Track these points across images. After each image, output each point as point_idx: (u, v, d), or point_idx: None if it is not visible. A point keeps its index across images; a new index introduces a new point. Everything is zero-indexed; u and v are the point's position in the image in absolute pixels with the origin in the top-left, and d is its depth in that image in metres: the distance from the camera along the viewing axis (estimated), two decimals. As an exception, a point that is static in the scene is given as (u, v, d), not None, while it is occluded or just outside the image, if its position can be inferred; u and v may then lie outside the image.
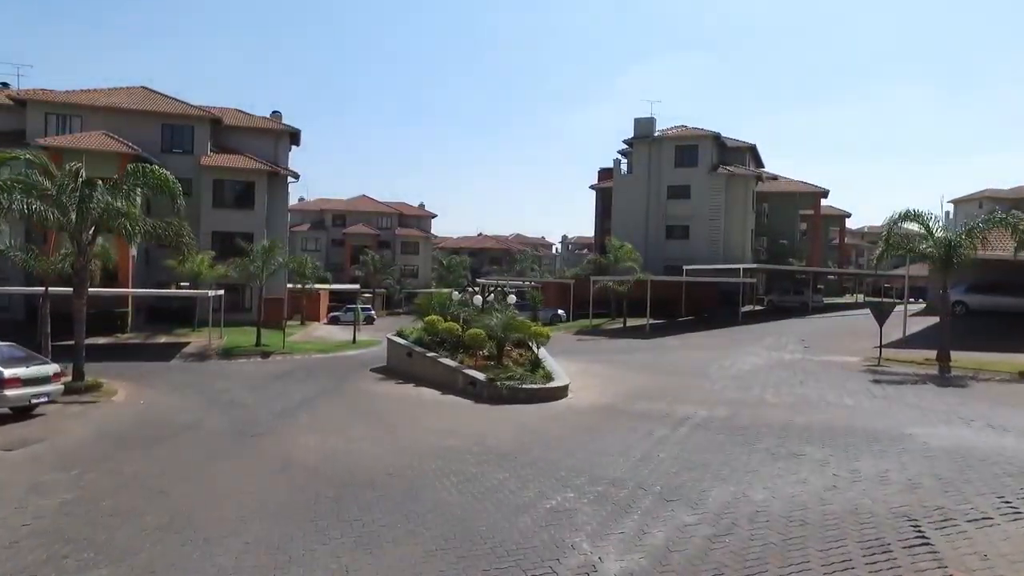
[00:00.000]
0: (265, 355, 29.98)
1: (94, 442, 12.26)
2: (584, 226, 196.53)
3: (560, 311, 45.63)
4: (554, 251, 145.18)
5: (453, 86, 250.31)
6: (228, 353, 29.89)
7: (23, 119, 36.57)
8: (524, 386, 16.41)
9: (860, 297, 59.62)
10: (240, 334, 33.71)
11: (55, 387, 15.38)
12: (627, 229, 50.10)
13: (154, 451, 11.57)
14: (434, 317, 22.92)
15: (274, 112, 44.59)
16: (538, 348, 20.09)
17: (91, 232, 17.62)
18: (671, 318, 43.39)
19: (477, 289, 24.80)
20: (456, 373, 18.69)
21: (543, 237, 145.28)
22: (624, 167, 54.92)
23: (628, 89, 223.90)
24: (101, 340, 32.23)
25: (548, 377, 17.24)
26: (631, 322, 40.10)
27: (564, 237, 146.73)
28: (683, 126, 53.39)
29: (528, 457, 10.26)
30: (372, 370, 24.28)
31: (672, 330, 37.85)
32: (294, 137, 44.40)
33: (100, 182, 16.53)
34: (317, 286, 52.90)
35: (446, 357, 20.48)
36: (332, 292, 61.78)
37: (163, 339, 33.29)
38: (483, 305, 23.76)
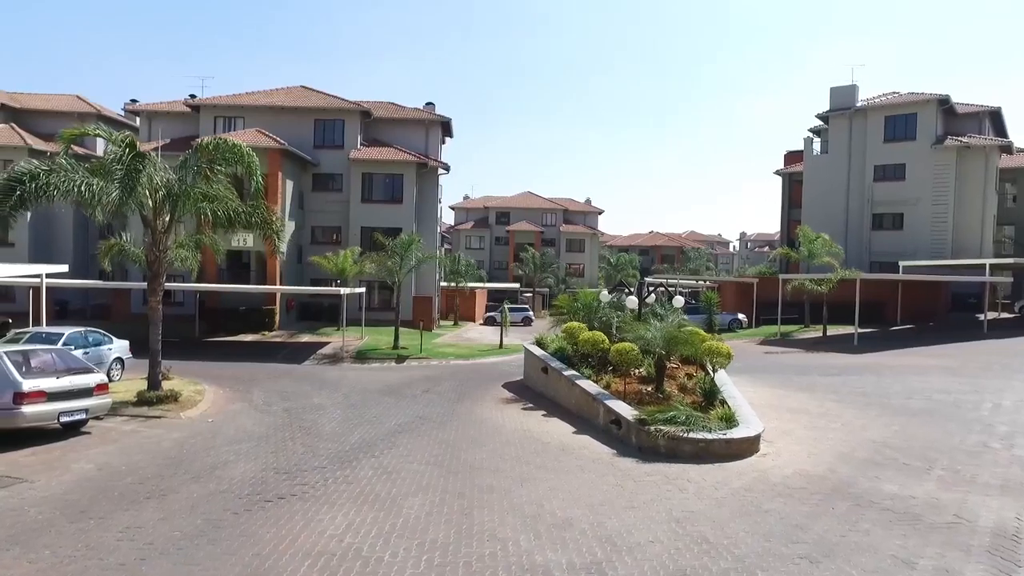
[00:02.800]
0: (400, 359, 26.58)
1: (60, 496, 8.55)
2: (764, 222, 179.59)
3: (740, 316, 38.19)
4: (731, 249, 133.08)
5: (620, 79, 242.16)
6: (362, 356, 26.89)
7: (198, 124, 36.82)
8: (691, 436, 10.61)
9: None
10: (384, 334, 30.79)
11: (97, 401, 12.28)
12: (820, 218, 41.13)
13: (111, 521, 7.57)
14: (574, 324, 17.67)
15: (427, 104, 41.76)
16: (714, 371, 14.05)
17: (167, 219, 14.63)
18: (883, 326, 34.36)
19: (631, 289, 19.01)
20: (597, 404, 13.30)
21: (719, 234, 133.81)
22: (816, 146, 45.68)
23: (814, 68, 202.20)
24: (248, 337, 30.98)
25: (729, 420, 11.23)
26: (831, 330, 31.92)
27: (743, 234, 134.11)
28: (894, 92, 43.09)
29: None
30: (505, 385, 19.62)
31: (887, 343, 29.26)
32: (446, 128, 41.31)
33: (152, 154, 13.42)
34: (472, 284, 49.81)
35: (587, 378, 15.17)
36: (490, 291, 58.74)
37: (305, 338, 31.31)
38: (640, 309, 18.07)
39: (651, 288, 18.61)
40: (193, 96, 41.79)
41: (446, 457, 10.96)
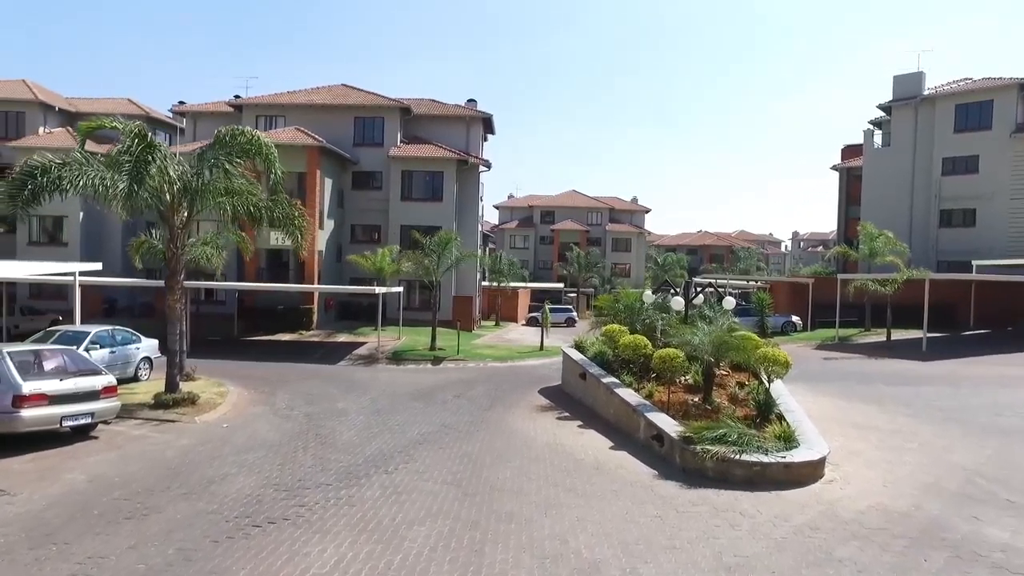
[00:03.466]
0: (436, 361, 25.61)
1: (36, 514, 7.70)
2: (818, 221, 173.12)
3: (794, 318, 35.96)
4: (783, 249, 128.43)
5: (667, 75, 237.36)
6: (398, 357, 26.00)
7: (240, 123, 36.67)
8: (744, 458, 9.16)
9: None
10: (422, 335, 29.83)
11: (104, 405, 11.57)
12: (882, 215, 38.40)
13: (76, 547, 6.65)
14: (615, 327, 16.30)
15: (469, 101, 40.78)
16: (770, 381, 12.48)
17: (184, 214, 13.91)
18: (953, 331, 31.71)
19: (677, 289, 17.51)
20: (637, 416, 11.93)
21: (770, 234, 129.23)
22: (878, 139, 42.86)
23: (871, 58, 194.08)
24: (285, 337, 30.51)
25: (787, 439, 9.72)
26: (896, 334, 29.55)
27: (795, 233, 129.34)
28: (966, 79, 40.00)
29: None
30: (541, 391, 18.40)
31: (960, 349, 26.82)
32: (487, 124, 40.25)
33: (163, 144, 12.67)
34: (514, 284, 48.67)
35: (628, 386, 13.81)
36: (533, 291, 57.49)
37: (342, 338, 30.66)
38: (687, 310, 16.55)
39: (698, 288, 17.07)
40: (237, 97, 41.91)
41: (466, 475, 9.79)
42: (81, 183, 12.26)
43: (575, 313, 51.50)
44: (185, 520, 7.60)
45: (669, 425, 10.80)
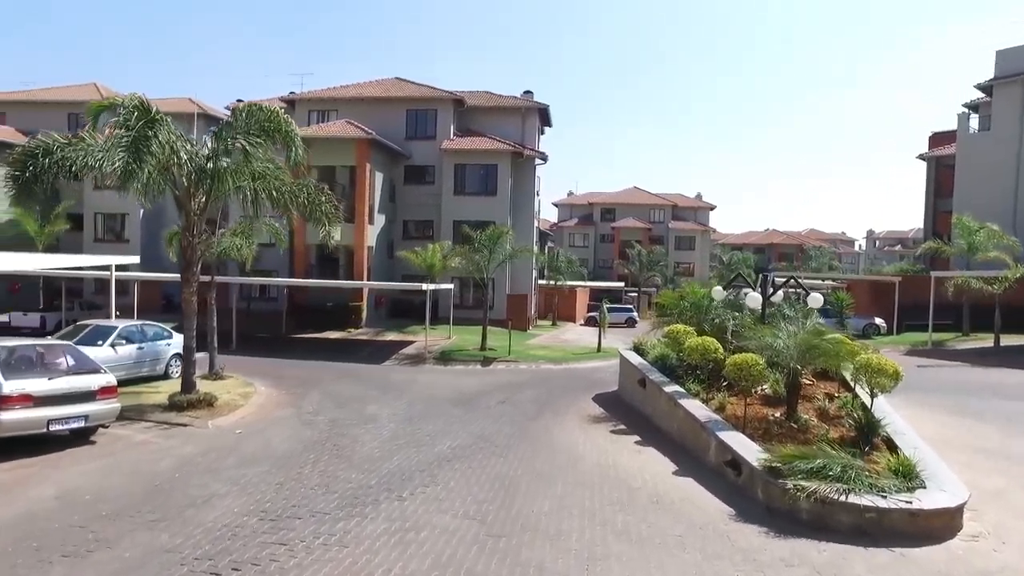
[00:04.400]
0: (486, 362, 23.91)
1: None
2: (894, 219, 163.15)
3: (877, 320, 32.48)
4: (857, 248, 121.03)
5: (730, 69, 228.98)
6: (446, 357, 24.43)
7: (293, 118, 36.04)
8: (853, 500, 6.92)
9: None
10: (474, 334, 28.16)
11: (100, 407, 10.29)
12: (980, 206, 34.13)
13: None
14: (679, 327, 14.11)
15: (525, 92, 38.93)
16: (872, 395, 10.05)
17: (202, 200, 12.60)
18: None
19: (752, 285, 15.11)
20: (707, 435, 9.80)
21: (843, 232, 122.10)
22: (974, 123, 38.56)
23: (953, 43, 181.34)
24: (333, 335, 29.42)
25: (907, 474, 7.39)
26: (1005, 339, 25.91)
27: (870, 231, 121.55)
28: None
29: None
30: (596, 397, 16.41)
31: (1085, 356, 23.14)
32: (544, 116, 38.32)
33: (167, 119, 11.33)
34: (572, 283, 46.48)
35: (694, 396, 11.67)
36: (593, 290, 55.14)
37: (390, 336, 29.34)
38: (764, 309, 14.17)
39: (777, 284, 14.67)
40: (292, 93, 41.43)
41: (494, 505, 7.92)
42: (87, 164, 11.06)
43: (636, 313, 48.95)
44: (133, 561, 6.04)
45: (748, 449, 8.64)
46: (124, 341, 15.61)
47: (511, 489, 8.61)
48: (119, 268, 19.13)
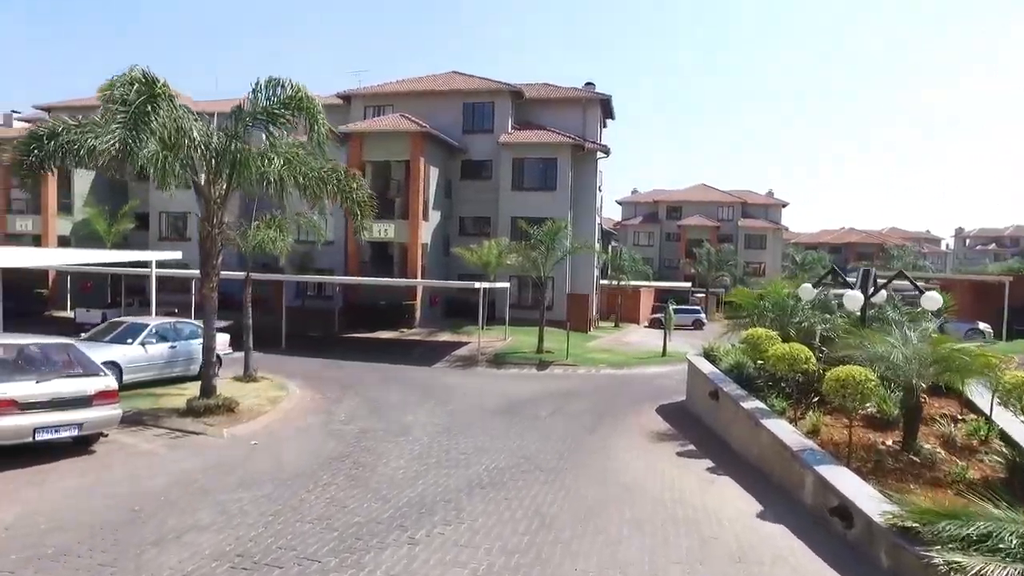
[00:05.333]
0: (542, 365, 22.16)
1: None
2: (985, 217, 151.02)
3: (981, 325, 28.79)
4: (944, 247, 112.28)
5: (802, 61, 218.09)
6: (500, 359, 22.81)
7: (348, 115, 35.30)
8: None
9: None
10: (531, 335, 26.44)
11: (97, 414, 9.10)
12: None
13: None
14: (759, 331, 11.91)
15: (586, 84, 36.87)
16: None
17: (224, 186, 11.38)
18: None
19: (851, 282, 12.66)
20: (801, 469, 7.72)
21: (927, 231, 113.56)
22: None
23: None
24: (385, 334, 28.25)
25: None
26: None
27: (959, 229, 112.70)
28: None
29: None
30: (660, 409, 14.46)
31: None
32: (606, 109, 36.23)
33: (171, 95, 10.02)
34: (635, 283, 44.02)
35: (779, 414, 9.58)
36: (658, 291, 52.45)
37: (444, 337, 27.96)
38: (865, 311, 11.77)
39: (876, 282, 12.23)
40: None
41: (527, 558, 6.16)
42: (94, 146, 9.95)
43: (703, 314, 46.10)
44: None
45: (861, 493, 6.54)
46: (155, 339, 14.69)
47: (551, 532, 6.83)
48: (160, 264, 18.41)
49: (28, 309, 26.77)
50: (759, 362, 11.63)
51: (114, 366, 13.49)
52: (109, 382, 9.41)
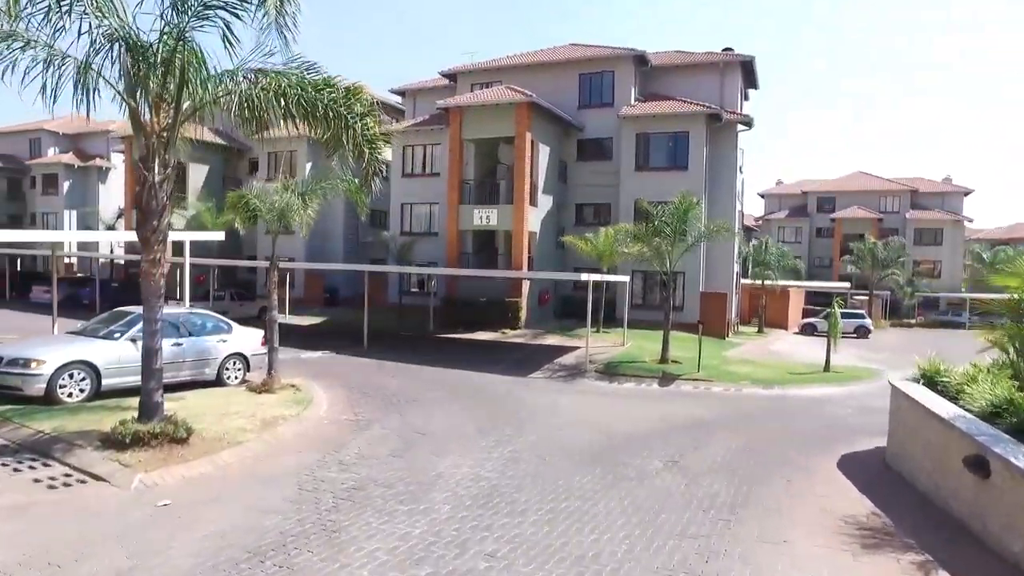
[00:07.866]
0: (665, 380, 16.76)
1: None
2: None
3: None
4: None
5: (993, 26, 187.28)
6: (612, 370, 17.67)
7: (455, 95, 31.66)
8: None
9: None
10: (655, 340, 20.96)
11: None
12: None
13: None
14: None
15: (725, 49, 30.48)
16: None
17: (171, 111, 7.45)
18: None
19: None
20: None
21: None
22: None
23: None
24: (482, 335, 23.96)
25: None
26: None
27: None
28: None
29: None
30: (843, 463, 8.87)
31: None
32: (748, 75, 29.69)
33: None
34: (784, 282, 36.47)
35: None
36: (808, 292, 44.12)
37: (550, 340, 23.20)
38: None
39: None
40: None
41: None
42: None
43: (869, 320, 37.58)
44: None
45: None
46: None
47: None
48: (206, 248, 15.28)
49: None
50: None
51: (89, 367, 10.26)
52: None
